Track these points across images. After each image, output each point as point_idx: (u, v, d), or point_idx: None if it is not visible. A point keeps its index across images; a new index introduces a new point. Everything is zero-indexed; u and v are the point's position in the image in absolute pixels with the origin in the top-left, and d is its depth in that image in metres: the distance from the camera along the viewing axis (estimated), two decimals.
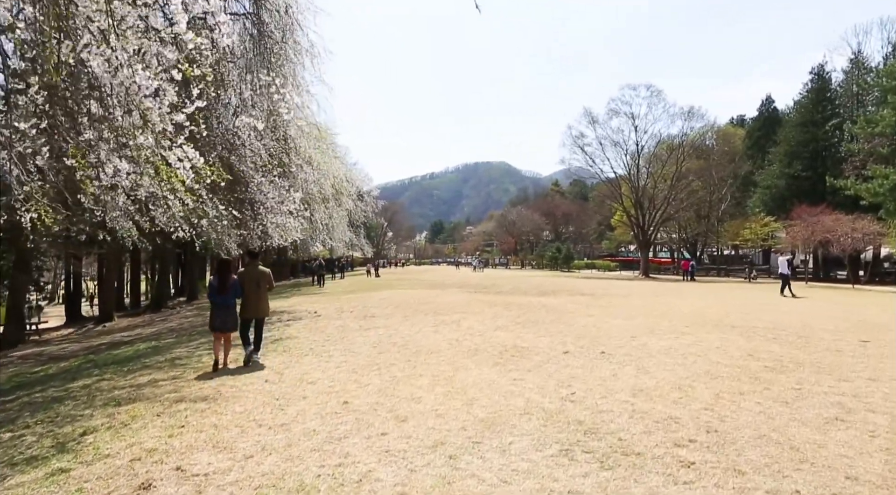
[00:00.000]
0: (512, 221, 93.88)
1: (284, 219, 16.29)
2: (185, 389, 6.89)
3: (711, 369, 6.75)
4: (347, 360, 8.07)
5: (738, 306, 15.77)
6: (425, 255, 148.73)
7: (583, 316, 12.66)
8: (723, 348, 8.30)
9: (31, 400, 7.38)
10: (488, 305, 15.47)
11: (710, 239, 54.88)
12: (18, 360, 12.66)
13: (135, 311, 30.79)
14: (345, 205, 51.91)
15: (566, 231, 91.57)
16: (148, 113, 3.61)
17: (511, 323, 11.55)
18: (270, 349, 9.55)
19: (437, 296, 19.48)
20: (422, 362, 7.63)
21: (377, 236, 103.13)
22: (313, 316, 14.68)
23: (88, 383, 7.95)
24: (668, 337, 9.46)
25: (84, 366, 9.85)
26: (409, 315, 13.73)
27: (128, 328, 18.07)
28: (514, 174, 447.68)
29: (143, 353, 10.66)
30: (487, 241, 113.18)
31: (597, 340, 9.03)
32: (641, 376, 6.46)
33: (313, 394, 6.23)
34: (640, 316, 12.83)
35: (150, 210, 8.22)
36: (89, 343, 14.58)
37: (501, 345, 8.78)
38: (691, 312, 13.83)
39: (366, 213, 69.01)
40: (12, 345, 16.35)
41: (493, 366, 7.16)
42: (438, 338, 9.74)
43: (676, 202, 46.69)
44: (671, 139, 46.70)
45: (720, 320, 12.03)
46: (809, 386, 5.91)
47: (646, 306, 15.47)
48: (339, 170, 43.73)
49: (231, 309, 8.43)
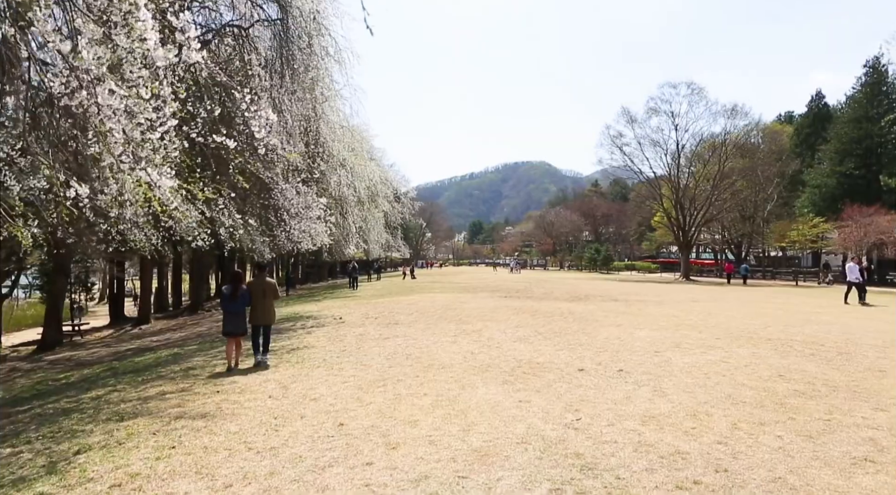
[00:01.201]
0: (550, 222, 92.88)
1: (310, 224, 16.31)
2: (189, 404, 6.83)
3: (734, 392, 6.30)
4: (357, 374, 7.89)
5: (779, 315, 15.01)
6: (464, 256, 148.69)
7: (609, 326, 12.21)
8: (752, 366, 7.78)
9: (42, 411, 7.45)
10: (514, 313, 15.13)
11: (755, 240, 52.94)
12: (48, 365, 13.00)
13: (173, 312, 31.53)
14: (381, 207, 52.16)
15: (606, 232, 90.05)
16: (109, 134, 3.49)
17: (532, 333, 11.20)
18: (285, 359, 9.49)
19: (466, 302, 19.24)
20: (430, 379, 7.39)
21: (415, 237, 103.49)
22: (337, 322, 14.62)
23: (100, 394, 8.00)
24: (695, 352, 8.97)
25: (103, 375, 9.97)
26: (432, 323, 13.52)
27: (159, 332, 18.42)
28: (554, 174, 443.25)
29: (162, 361, 10.74)
30: (526, 242, 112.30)
31: (617, 355, 8.62)
32: (656, 399, 6.06)
33: (312, 414, 6.06)
34: (670, 326, 12.29)
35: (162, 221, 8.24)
36: (118, 347, 14.88)
37: (516, 359, 8.47)
38: (726, 322, 13.20)
39: (402, 215, 69.29)
40: (50, 347, 16.86)
41: (501, 385, 6.87)
42: (454, 351, 9.49)
43: (719, 202, 45.19)
44: (713, 138, 45.25)
45: (755, 332, 11.41)
46: (840, 416, 5.42)
47: (678, 314, 14.87)
48: (373, 172, 43.91)
49: (241, 315, 9.30)
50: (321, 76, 19.28)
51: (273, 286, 9.73)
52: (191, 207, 8.72)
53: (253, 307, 9.43)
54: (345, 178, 29.79)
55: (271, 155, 15.94)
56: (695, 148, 46.13)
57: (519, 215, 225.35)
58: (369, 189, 41.93)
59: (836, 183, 42.54)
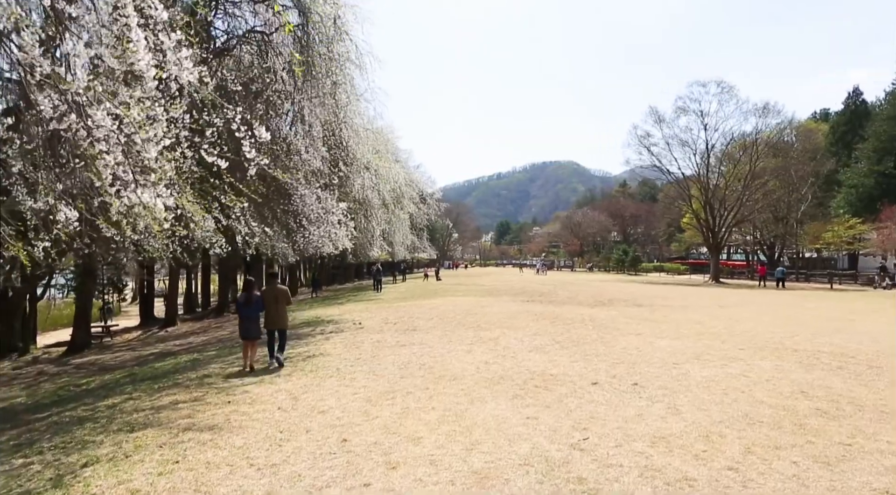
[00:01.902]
0: (577, 223, 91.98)
1: (330, 229, 16.36)
2: (199, 414, 6.86)
3: (752, 411, 6.06)
4: (368, 385, 7.85)
5: (809, 322, 14.54)
6: (491, 257, 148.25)
7: (629, 334, 11.95)
8: (773, 381, 7.51)
9: (59, 419, 7.58)
10: (534, 319, 14.95)
11: (788, 241, 51.58)
12: (73, 369, 13.29)
13: (200, 314, 32.08)
14: (406, 209, 52.20)
15: (634, 232, 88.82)
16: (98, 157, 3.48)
17: (550, 342, 11.03)
18: (300, 367, 9.50)
19: (487, 306, 19.11)
20: (440, 391, 7.30)
21: (442, 238, 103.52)
22: (356, 327, 14.64)
23: (116, 402, 8.11)
24: (715, 364, 8.70)
25: (122, 381, 10.13)
26: (449, 329, 13.43)
27: (184, 335, 18.72)
28: (582, 173, 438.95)
29: (180, 367, 10.88)
30: (553, 243, 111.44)
31: (634, 367, 8.41)
32: (669, 418, 5.87)
33: (318, 428, 6.03)
34: (693, 335, 11.98)
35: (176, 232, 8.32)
36: (142, 351, 15.15)
37: (530, 371, 8.32)
38: (752, 330, 12.83)
39: (428, 216, 69.28)
40: (79, 349, 17.26)
41: (510, 399, 6.74)
42: (468, 360, 9.38)
43: (750, 203, 44.13)
44: (744, 137, 44.22)
45: (781, 342, 11.05)
46: (863, 441, 5.16)
47: (703, 321, 14.51)
48: (398, 174, 43.95)
49: (255, 320, 9.92)
50: (342, 80, 19.36)
51: (285, 292, 10.33)
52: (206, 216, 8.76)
53: (266, 312, 10.00)
54: (369, 181, 29.90)
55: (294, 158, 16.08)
56: (725, 147, 45.15)
57: (547, 215, 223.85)
58: (394, 191, 42.00)
59: (874, 182, 41.21)
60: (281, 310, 10.08)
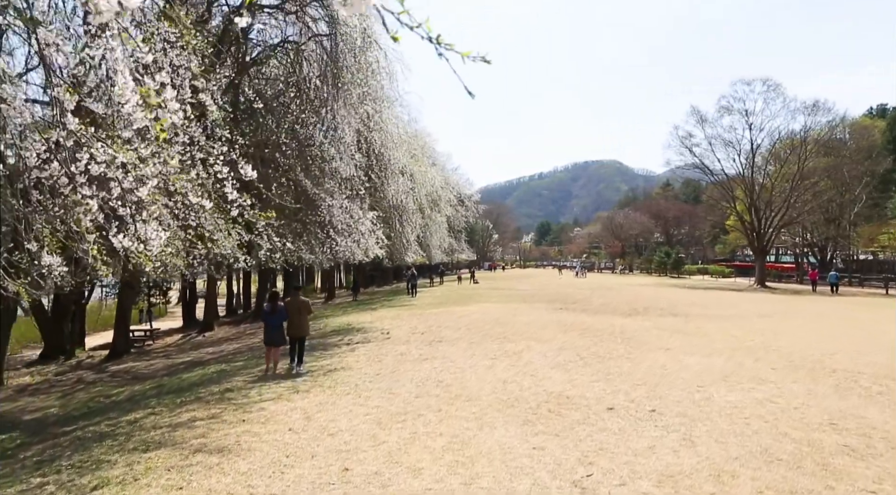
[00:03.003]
0: (619, 224, 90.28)
1: (358, 238, 16.49)
2: (213, 434, 6.96)
3: (772, 445, 5.76)
4: (381, 405, 7.82)
5: (854, 337, 13.85)
6: (531, 257, 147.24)
7: (657, 350, 11.60)
8: (802, 409, 7.13)
9: (83, 434, 7.81)
10: (563, 330, 14.70)
11: (840, 244, 49.41)
12: (108, 378, 13.74)
13: (239, 317, 32.81)
14: (443, 212, 52.26)
15: (678, 233, 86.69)
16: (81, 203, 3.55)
17: (574, 358, 10.79)
18: (319, 382, 9.56)
19: (518, 315, 18.90)
20: (451, 414, 7.20)
21: (481, 239, 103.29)
22: (384, 337, 14.67)
23: (138, 417, 8.31)
24: (743, 386, 8.33)
25: (149, 393, 10.41)
26: (475, 341, 13.33)
27: (218, 341, 19.16)
28: (625, 172, 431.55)
29: (207, 378, 11.11)
30: (593, 244, 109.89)
31: (655, 390, 8.13)
32: (682, 451, 5.63)
33: (324, 453, 6.02)
34: (725, 350, 11.55)
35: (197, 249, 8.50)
36: (175, 360, 15.56)
37: (547, 392, 8.14)
38: (790, 345, 12.28)
39: (466, 219, 69.30)
40: (119, 355, 17.86)
41: (521, 425, 6.59)
42: (487, 378, 9.26)
43: (799, 204, 42.42)
44: (792, 136, 42.57)
45: (820, 360, 10.53)
46: (891, 489, 4.82)
47: (739, 335, 13.99)
48: (434, 178, 44.04)
49: (279, 328, 10.75)
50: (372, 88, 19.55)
51: (306, 304, 11.30)
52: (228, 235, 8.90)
53: (289, 322, 10.81)
54: (404, 186, 30.06)
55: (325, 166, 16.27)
56: (771, 147, 43.54)
57: (589, 215, 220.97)
58: (430, 195, 42.13)
59: None
60: (303, 319, 10.95)
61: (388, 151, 23.41)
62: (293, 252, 13.42)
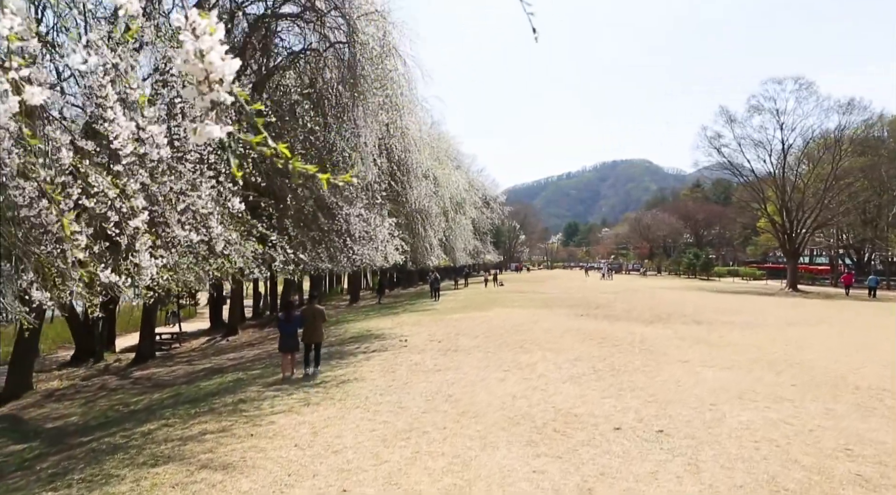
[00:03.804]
0: (647, 225, 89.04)
1: (377, 245, 16.58)
2: (220, 449, 7.05)
3: (780, 473, 5.59)
4: (388, 421, 7.84)
5: (885, 349, 13.38)
6: (559, 258, 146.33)
7: (674, 362, 11.38)
8: (818, 431, 6.91)
9: (97, 446, 8.00)
10: (581, 339, 14.54)
11: (878, 246, 47.87)
12: (130, 384, 14.06)
13: (265, 320, 33.26)
14: (468, 214, 52.23)
15: (708, 234, 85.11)
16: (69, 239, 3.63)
17: (588, 370, 10.66)
18: (330, 394, 9.62)
19: (539, 321, 18.80)
20: (456, 432, 7.18)
21: (508, 240, 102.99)
22: (401, 345, 14.71)
23: (152, 429, 8.47)
24: (758, 405, 8.11)
25: (166, 403, 10.60)
26: (491, 350, 13.28)
27: (240, 346, 19.45)
28: (655, 172, 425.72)
29: (223, 388, 11.28)
30: (621, 245, 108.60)
31: (666, 408, 7.97)
32: (686, 478, 5.50)
33: (325, 472, 6.06)
34: (745, 363, 11.27)
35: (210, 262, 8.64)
36: (196, 366, 15.83)
37: (555, 409, 8.05)
38: (815, 358, 11.92)
39: (491, 220, 69.14)
40: (144, 359, 18.26)
41: (524, 446, 6.53)
42: (498, 392, 9.21)
43: (834, 205, 41.23)
44: (825, 135, 41.39)
45: (844, 376, 10.19)
46: None
47: (762, 345, 13.65)
48: (458, 181, 44.02)
49: (294, 335, 11.38)
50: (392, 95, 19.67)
51: (321, 312, 12.03)
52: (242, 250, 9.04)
53: (305, 329, 11.54)
54: (426, 190, 30.13)
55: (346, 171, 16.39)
56: (803, 147, 42.40)
57: (617, 215, 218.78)
58: (454, 198, 42.14)
59: None
60: (317, 326, 11.68)
61: (410, 156, 23.49)
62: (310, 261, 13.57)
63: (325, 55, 16.87)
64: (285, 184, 13.41)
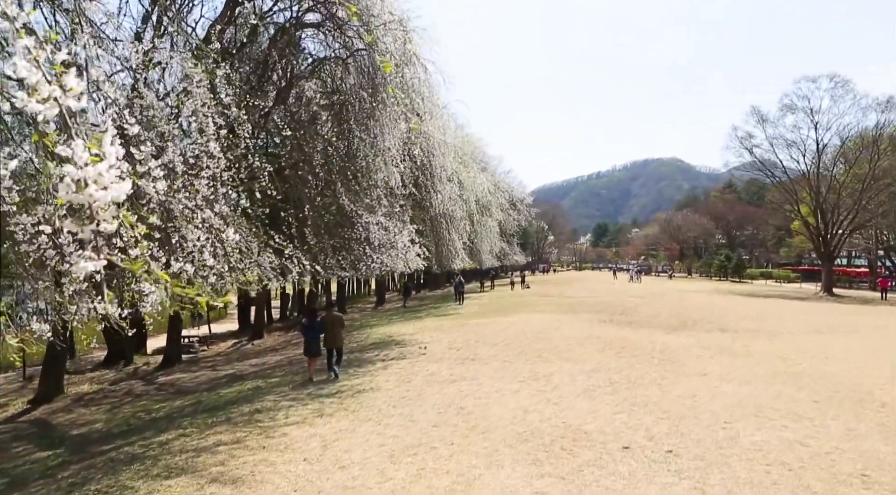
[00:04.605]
0: (677, 226, 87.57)
1: (397, 253, 16.70)
2: (232, 461, 7.20)
3: None
4: (398, 435, 7.89)
5: None
6: (588, 259, 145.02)
7: (693, 375, 11.18)
8: (835, 454, 6.71)
9: (116, 455, 8.23)
10: (601, 348, 14.39)
11: None
12: (155, 390, 14.42)
13: (292, 321, 33.74)
14: (494, 217, 52.11)
15: (741, 235, 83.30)
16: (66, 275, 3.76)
17: (604, 383, 10.55)
18: (344, 405, 9.72)
19: (560, 328, 18.68)
20: (463, 449, 7.18)
21: (536, 241, 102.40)
22: (420, 353, 14.77)
23: (169, 439, 8.68)
24: (774, 423, 7.92)
25: (186, 411, 10.85)
26: (509, 360, 13.25)
27: (264, 352, 19.78)
28: (686, 170, 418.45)
29: (242, 396, 11.50)
30: (651, 246, 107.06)
31: (678, 425, 7.84)
32: None
33: (330, 488, 6.14)
34: (766, 376, 11.01)
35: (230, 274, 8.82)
36: (219, 372, 16.16)
37: (565, 425, 7.99)
38: (841, 371, 11.58)
39: (518, 222, 68.78)
40: (171, 363, 18.71)
41: (529, 465, 6.50)
42: (510, 405, 9.18)
43: (872, 206, 39.93)
44: (864, 134, 40.15)
45: (871, 391, 9.88)
46: None
47: (787, 356, 13.32)
48: (484, 183, 43.94)
49: (316, 341, 12.14)
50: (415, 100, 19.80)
51: (340, 319, 13.18)
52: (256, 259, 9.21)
53: (325, 335, 12.23)
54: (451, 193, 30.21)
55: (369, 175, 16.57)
56: (839, 147, 41.20)
57: (648, 215, 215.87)
58: (479, 201, 42.08)
59: None
60: (337, 332, 12.46)
61: (433, 160, 23.62)
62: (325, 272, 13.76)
63: (348, 62, 17.06)
64: (304, 193, 13.59)
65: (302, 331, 12.73)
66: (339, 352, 12.56)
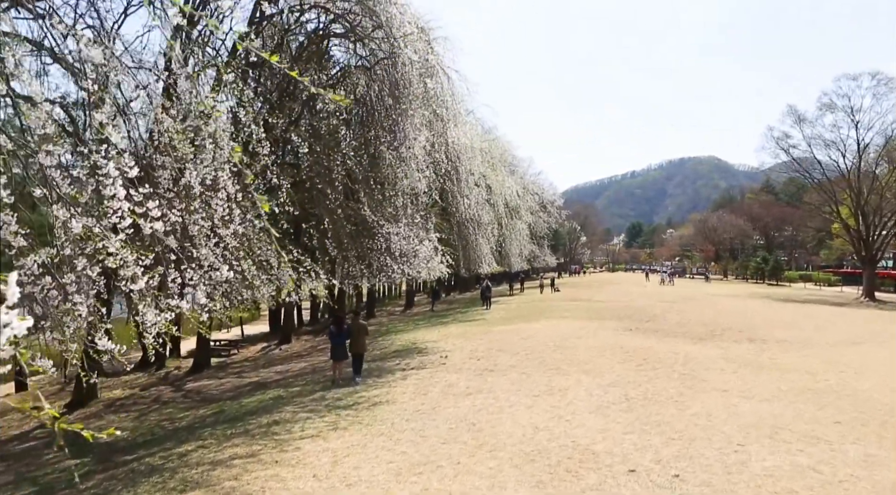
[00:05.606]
0: (712, 227, 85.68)
1: (420, 261, 16.85)
2: (245, 476, 7.40)
3: None
4: (407, 451, 7.99)
5: None
6: (621, 260, 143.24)
7: (713, 390, 10.99)
8: (848, 483, 6.54)
9: (137, 466, 8.54)
10: (622, 360, 14.25)
11: None
12: (182, 398, 14.86)
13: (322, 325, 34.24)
14: (524, 219, 51.90)
15: (779, 236, 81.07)
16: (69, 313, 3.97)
17: (619, 398, 10.47)
18: (360, 418, 9.88)
19: (584, 336, 18.54)
20: (469, 469, 7.23)
21: (568, 242, 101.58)
22: (440, 362, 14.86)
23: (188, 450, 8.97)
24: (790, 447, 7.74)
25: (207, 421, 11.17)
26: (528, 371, 13.23)
27: (290, 358, 20.14)
28: (724, 169, 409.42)
29: (262, 406, 11.77)
30: (685, 247, 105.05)
31: (689, 447, 7.74)
32: None
33: None
34: (791, 392, 10.77)
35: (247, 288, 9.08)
36: (244, 379, 16.54)
37: (573, 445, 7.97)
38: (871, 388, 11.22)
39: (549, 224, 68.35)
40: (200, 369, 19.22)
41: (532, 488, 6.52)
42: (522, 421, 9.20)
43: None
44: None
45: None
46: None
47: (815, 370, 12.97)
48: (512, 186, 43.87)
49: (343, 346, 13.16)
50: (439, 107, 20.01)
51: (365, 327, 14.13)
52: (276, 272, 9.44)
53: (351, 341, 13.26)
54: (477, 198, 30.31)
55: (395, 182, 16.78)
56: (882, 146, 39.79)
57: (684, 215, 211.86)
58: (508, 204, 42.01)
59: None
60: (361, 338, 13.41)
61: (459, 165, 23.74)
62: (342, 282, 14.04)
63: (374, 70, 17.31)
64: (325, 205, 13.84)
65: (329, 337, 13.69)
66: (361, 358, 13.50)
